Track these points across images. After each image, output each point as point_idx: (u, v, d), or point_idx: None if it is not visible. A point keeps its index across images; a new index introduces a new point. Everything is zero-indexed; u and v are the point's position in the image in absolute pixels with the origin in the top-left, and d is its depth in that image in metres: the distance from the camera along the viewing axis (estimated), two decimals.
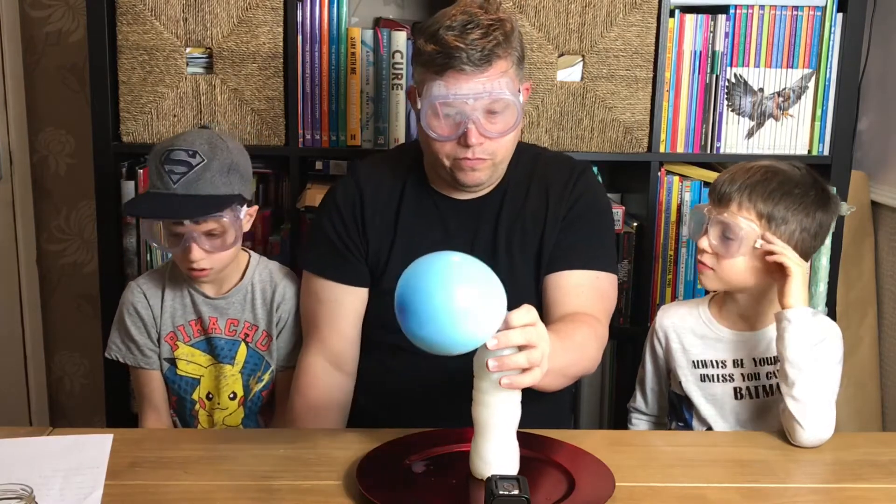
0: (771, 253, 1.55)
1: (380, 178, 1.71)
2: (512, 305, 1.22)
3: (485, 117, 1.53)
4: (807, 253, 1.62)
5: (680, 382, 1.70)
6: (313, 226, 1.77)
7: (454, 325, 1.16)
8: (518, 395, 1.27)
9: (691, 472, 1.39)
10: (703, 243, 1.61)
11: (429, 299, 1.16)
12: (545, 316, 1.59)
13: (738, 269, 1.59)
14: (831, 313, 2.21)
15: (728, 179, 1.60)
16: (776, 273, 1.56)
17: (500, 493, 1.14)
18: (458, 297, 1.16)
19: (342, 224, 1.68)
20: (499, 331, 1.20)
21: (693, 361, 1.69)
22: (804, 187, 1.59)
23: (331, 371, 1.68)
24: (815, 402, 1.47)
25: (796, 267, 1.52)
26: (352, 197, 1.69)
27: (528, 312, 1.21)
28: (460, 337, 1.17)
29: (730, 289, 1.65)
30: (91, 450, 1.41)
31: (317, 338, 1.69)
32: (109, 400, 2.21)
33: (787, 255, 1.53)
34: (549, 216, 1.66)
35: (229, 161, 1.65)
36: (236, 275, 1.75)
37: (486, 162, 1.57)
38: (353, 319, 1.69)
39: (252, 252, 1.80)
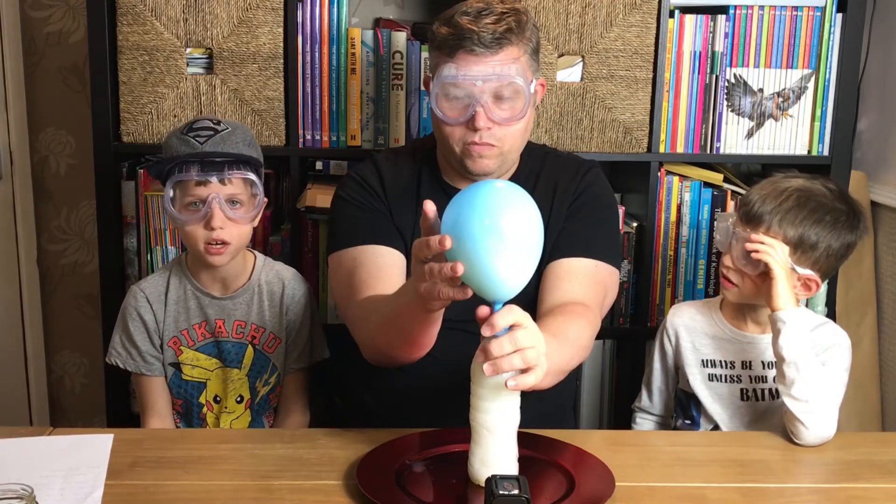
0: (756, 250, 1.56)
1: (397, 166, 1.73)
2: (513, 300, 1.21)
3: (493, 102, 1.56)
4: (828, 272, 1.64)
5: (688, 381, 1.71)
6: (334, 213, 1.75)
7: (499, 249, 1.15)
8: (517, 401, 1.27)
9: (691, 472, 1.39)
10: (728, 261, 1.62)
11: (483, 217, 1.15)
12: (539, 302, 1.60)
13: (767, 288, 1.59)
14: (831, 313, 2.21)
15: (760, 200, 1.60)
16: (761, 276, 1.57)
17: (500, 492, 1.14)
18: (506, 222, 1.15)
19: (364, 191, 1.69)
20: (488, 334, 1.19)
21: (702, 360, 1.71)
22: (835, 213, 1.60)
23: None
24: (816, 400, 1.48)
25: (780, 269, 1.53)
26: (372, 174, 1.71)
27: (510, 312, 1.20)
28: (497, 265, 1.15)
29: (750, 302, 1.66)
30: (91, 450, 1.41)
31: (359, 293, 1.59)
32: (109, 400, 2.21)
33: (772, 256, 1.54)
34: (554, 210, 1.67)
35: (251, 136, 1.70)
36: (244, 275, 1.74)
37: (494, 149, 1.59)
38: (398, 273, 1.63)
39: (258, 253, 1.79)
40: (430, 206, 1.24)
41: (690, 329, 1.74)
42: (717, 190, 2.20)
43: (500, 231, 1.14)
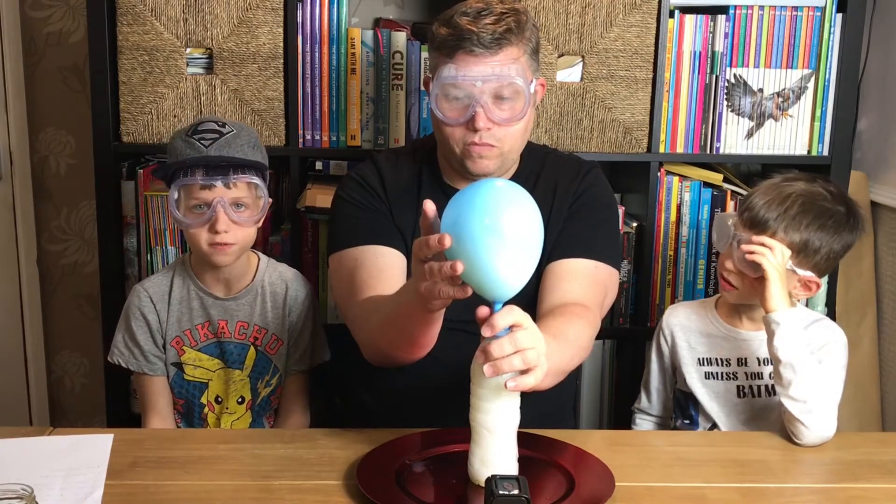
0: (752, 251, 1.56)
1: (398, 166, 1.73)
2: (513, 300, 1.21)
3: (493, 102, 1.56)
4: (826, 271, 1.66)
5: (685, 380, 1.72)
6: (334, 213, 1.74)
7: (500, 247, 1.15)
8: (517, 401, 1.27)
9: (691, 472, 1.39)
10: (729, 264, 1.62)
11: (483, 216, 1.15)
12: (538, 303, 1.60)
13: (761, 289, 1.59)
14: (831, 313, 2.21)
15: (765, 206, 1.61)
16: (760, 279, 1.57)
17: (500, 492, 1.14)
18: (506, 221, 1.15)
19: (364, 191, 1.69)
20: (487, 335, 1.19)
21: (699, 359, 1.72)
22: (837, 216, 1.62)
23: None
24: (814, 399, 1.48)
25: (773, 271, 1.54)
26: (372, 174, 1.71)
27: (510, 313, 1.20)
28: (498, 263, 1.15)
29: (749, 303, 1.66)
30: (91, 450, 1.41)
31: (360, 293, 1.58)
32: (109, 400, 2.21)
33: (766, 258, 1.54)
34: (554, 211, 1.67)
35: (255, 137, 1.70)
36: (247, 276, 1.74)
37: (494, 150, 1.59)
38: (399, 273, 1.62)
39: (261, 254, 1.79)
40: (429, 206, 1.24)
41: (686, 329, 1.74)
42: (717, 190, 2.21)
43: (499, 230, 1.15)
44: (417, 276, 1.24)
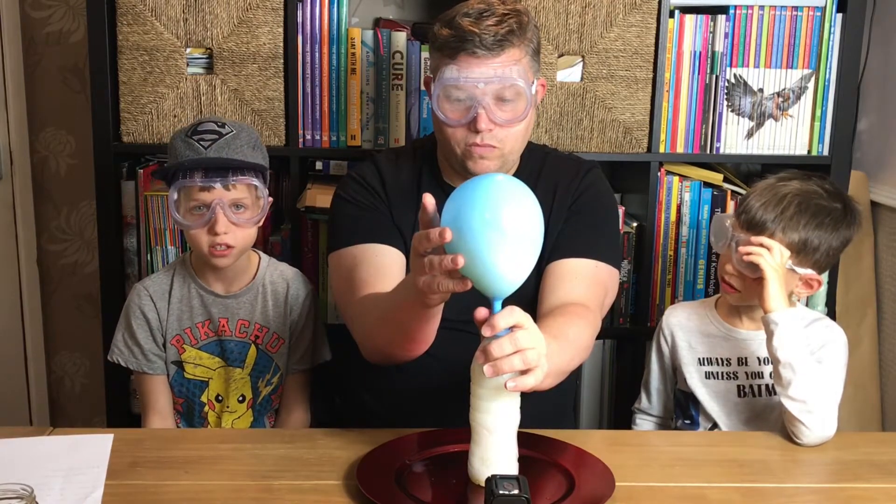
0: (749, 252, 1.57)
1: (398, 166, 1.73)
2: (513, 300, 1.21)
3: (495, 103, 1.56)
4: (826, 267, 1.66)
5: (685, 380, 1.72)
6: (334, 213, 1.74)
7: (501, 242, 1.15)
8: (517, 401, 1.27)
9: (691, 472, 1.39)
10: (730, 267, 1.63)
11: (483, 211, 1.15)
12: (539, 303, 1.60)
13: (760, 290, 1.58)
14: (831, 313, 2.21)
15: (762, 208, 1.61)
16: (759, 280, 1.57)
17: (500, 492, 1.14)
18: (506, 217, 1.15)
19: (365, 191, 1.69)
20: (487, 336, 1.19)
21: (699, 359, 1.72)
22: (834, 214, 1.62)
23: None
24: (814, 399, 1.48)
25: (772, 271, 1.54)
26: (373, 174, 1.71)
27: (511, 314, 1.19)
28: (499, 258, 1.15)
29: (751, 304, 1.67)
30: (91, 450, 1.41)
31: (359, 291, 1.58)
32: (109, 400, 2.21)
33: (764, 258, 1.55)
34: (554, 210, 1.67)
35: (255, 137, 1.69)
36: (248, 274, 1.74)
37: (495, 151, 1.59)
38: (398, 272, 1.62)
39: (262, 253, 1.80)
40: (429, 199, 1.24)
41: (686, 329, 1.74)
42: (717, 190, 2.21)
43: (499, 225, 1.15)
44: (416, 271, 1.25)
